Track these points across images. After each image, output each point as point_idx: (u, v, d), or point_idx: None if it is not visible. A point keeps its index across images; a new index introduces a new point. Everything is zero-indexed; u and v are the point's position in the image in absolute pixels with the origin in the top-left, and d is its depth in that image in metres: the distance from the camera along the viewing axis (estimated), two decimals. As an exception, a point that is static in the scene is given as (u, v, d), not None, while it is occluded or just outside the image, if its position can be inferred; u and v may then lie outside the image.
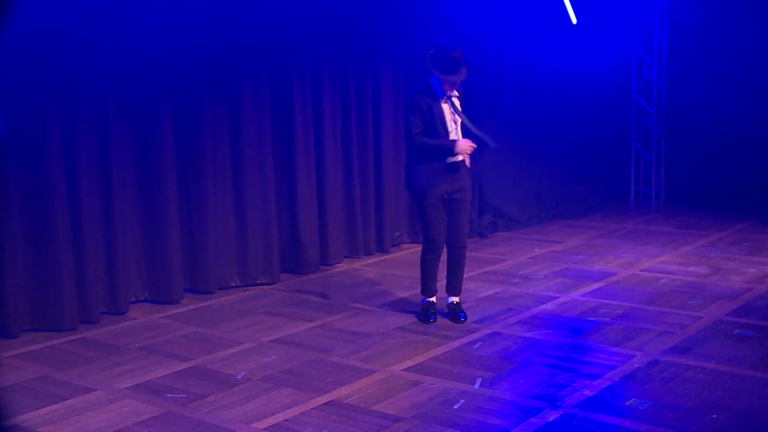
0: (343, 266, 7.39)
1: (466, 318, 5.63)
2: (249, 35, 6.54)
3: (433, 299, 5.69)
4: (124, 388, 4.50)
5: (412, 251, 7.97)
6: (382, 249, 7.90)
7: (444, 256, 5.64)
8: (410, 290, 6.47)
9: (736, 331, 5.32)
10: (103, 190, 5.84)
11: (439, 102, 5.40)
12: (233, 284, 6.66)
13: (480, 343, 5.18)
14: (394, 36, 7.78)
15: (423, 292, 5.70)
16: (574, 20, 9.23)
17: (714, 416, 4.00)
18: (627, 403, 4.18)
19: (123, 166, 5.97)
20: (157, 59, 5.98)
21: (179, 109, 6.21)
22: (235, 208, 6.64)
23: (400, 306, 6.05)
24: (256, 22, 6.56)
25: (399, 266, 7.36)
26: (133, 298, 6.14)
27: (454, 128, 5.45)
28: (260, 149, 6.67)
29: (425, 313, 5.65)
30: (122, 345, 5.27)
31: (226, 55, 6.44)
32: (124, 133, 5.96)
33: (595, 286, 6.57)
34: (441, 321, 5.61)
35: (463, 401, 4.23)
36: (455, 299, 5.71)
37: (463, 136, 5.46)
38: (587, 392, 4.33)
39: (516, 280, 6.82)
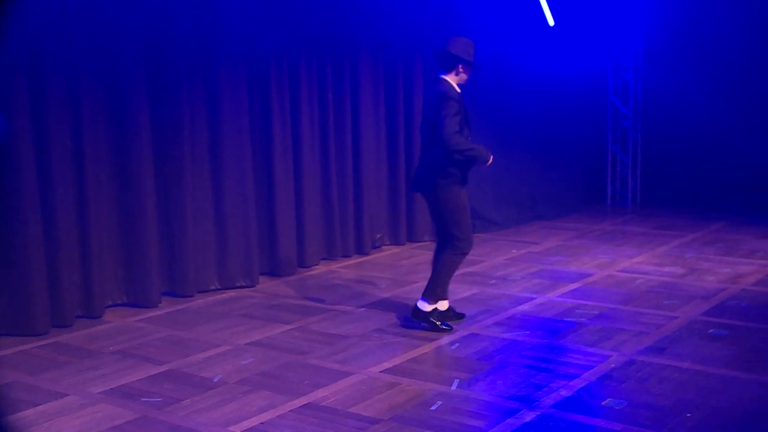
0: (321, 268, 7.36)
1: None
2: (227, 33, 6.49)
3: None
4: (98, 393, 4.45)
5: (392, 253, 7.96)
6: (361, 251, 7.88)
7: (424, 258, 5.62)
8: (388, 292, 6.46)
9: (711, 330, 5.37)
10: (77, 191, 5.74)
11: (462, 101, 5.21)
12: (212, 287, 6.61)
13: (457, 344, 5.18)
14: (372, 34, 7.77)
15: (442, 296, 5.48)
16: (551, 22, 9.27)
17: (689, 415, 4.03)
18: (603, 403, 4.20)
19: (98, 165, 5.89)
20: (134, 57, 5.91)
21: (157, 109, 6.15)
22: (214, 210, 6.59)
23: (378, 308, 6.04)
24: (233, 20, 6.54)
25: (377, 268, 7.35)
26: (110, 302, 6.07)
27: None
28: (239, 151, 6.63)
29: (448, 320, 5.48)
30: (96, 349, 5.22)
31: (204, 54, 6.38)
32: (100, 132, 5.88)
33: (572, 286, 6.60)
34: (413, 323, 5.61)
35: (440, 403, 4.22)
36: None
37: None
38: (564, 392, 4.34)
39: (493, 281, 6.83)
